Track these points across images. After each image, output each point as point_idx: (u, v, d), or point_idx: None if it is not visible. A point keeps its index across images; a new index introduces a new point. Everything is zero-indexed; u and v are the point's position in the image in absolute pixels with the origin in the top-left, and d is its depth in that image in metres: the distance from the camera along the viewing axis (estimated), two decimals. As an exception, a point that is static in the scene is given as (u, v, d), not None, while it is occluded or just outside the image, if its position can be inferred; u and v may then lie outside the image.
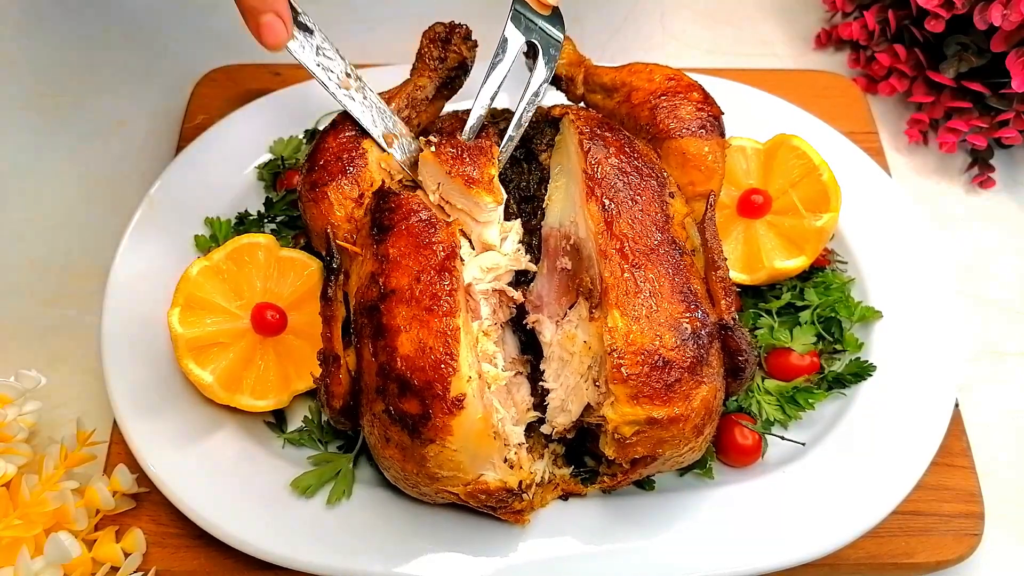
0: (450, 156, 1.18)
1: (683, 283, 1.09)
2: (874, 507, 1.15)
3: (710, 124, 1.26)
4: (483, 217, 1.18)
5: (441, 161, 1.18)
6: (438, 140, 1.21)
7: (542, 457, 1.17)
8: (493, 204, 1.16)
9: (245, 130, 1.50)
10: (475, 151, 1.20)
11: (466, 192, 1.16)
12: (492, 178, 1.18)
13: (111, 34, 1.83)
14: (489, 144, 1.22)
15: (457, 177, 1.16)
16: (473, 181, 1.16)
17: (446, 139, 1.22)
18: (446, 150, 1.19)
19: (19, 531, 1.10)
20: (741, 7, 1.93)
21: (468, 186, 1.16)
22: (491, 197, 1.16)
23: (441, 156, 1.18)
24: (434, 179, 1.20)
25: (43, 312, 1.45)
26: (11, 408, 1.23)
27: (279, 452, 1.22)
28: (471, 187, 1.16)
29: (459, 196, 1.18)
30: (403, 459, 1.05)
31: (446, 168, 1.17)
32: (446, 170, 1.17)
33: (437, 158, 1.18)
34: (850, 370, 1.27)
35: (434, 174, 1.20)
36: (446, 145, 1.20)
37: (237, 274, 1.26)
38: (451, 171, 1.17)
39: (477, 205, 1.17)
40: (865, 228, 1.41)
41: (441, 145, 1.20)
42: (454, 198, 1.18)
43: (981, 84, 1.57)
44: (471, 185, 1.16)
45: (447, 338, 1.02)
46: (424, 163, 1.21)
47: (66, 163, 1.63)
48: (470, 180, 1.16)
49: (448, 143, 1.21)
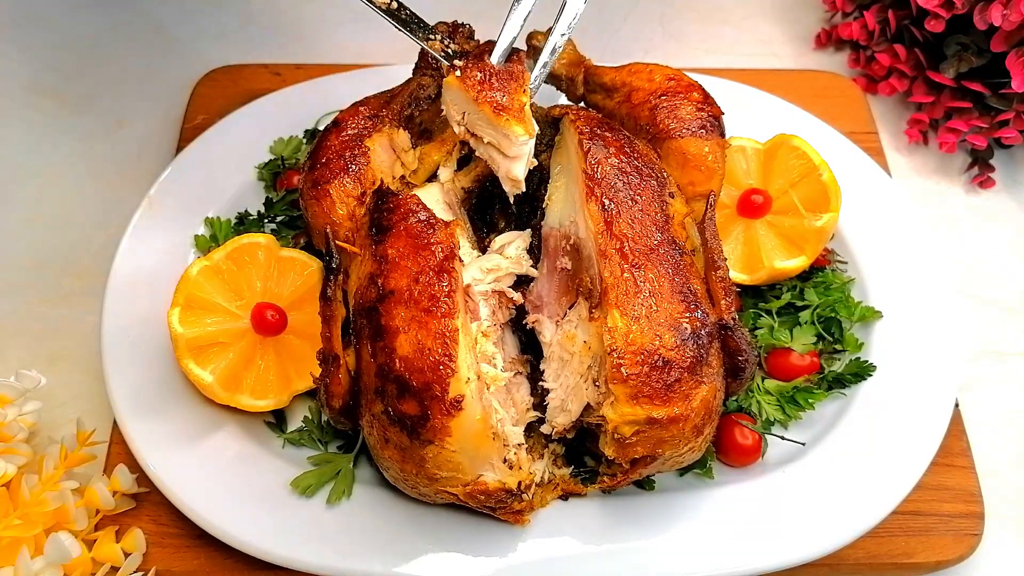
0: (477, 81, 1.08)
1: (683, 283, 1.09)
2: (874, 507, 1.15)
3: (710, 124, 1.26)
4: (512, 151, 1.09)
5: (467, 86, 1.08)
6: (464, 63, 1.11)
7: (542, 457, 1.17)
8: (525, 136, 1.07)
9: (245, 130, 1.50)
10: (505, 76, 1.10)
11: (495, 121, 1.07)
12: (523, 106, 1.08)
13: (111, 34, 1.83)
14: (520, 70, 1.13)
15: (484, 104, 1.07)
16: (502, 108, 1.07)
17: (473, 62, 1.11)
18: (472, 74, 1.09)
19: (19, 531, 1.10)
20: (741, 7, 1.93)
21: (497, 114, 1.06)
22: (522, 128, 1.07)
23: (467, 81, 1.08)
24: (459, 107, 1.11)
25: (43, 312, 1.45)
26: (11, 408, 1.23)
27: (279, 452, 1.22)
28: (500, 115, 1.06)
29: (486, 126, 1.09)
30: (402, 460, 1.05)
31: (472, 94, 1.08)
32: (472, 96, 1.08)
33: (462, 83, 1.08)
34: (850, 370, 1.27)
35: (459, 101, 1.11)
36: (473, 68, 1.09)
37: (237, 274, 1.26)
38: (478, 97, 1.07)
39: (506, 137, 1.08)
40: (865, 228, 1.41)
41: (467, 69, 1.09)
42: (480, 128, 1.10)
43: (981, 84, 1.57)
44: (500, 112, 1.06)
45: (445, 339, 1.02)
46: (448, 89, 1.11)
47: (66, 163, 1.63)
48: (499, 107, 1.07)
49: (475, 66, 1.10)
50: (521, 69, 1.13)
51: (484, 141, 1.10)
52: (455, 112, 1.12)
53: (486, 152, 1.11)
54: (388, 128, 1.28)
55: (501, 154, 1.10)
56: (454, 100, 1.11)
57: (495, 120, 1.07)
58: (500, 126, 1.07)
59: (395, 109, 1.30)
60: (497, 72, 1.10)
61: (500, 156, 1.10)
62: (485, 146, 1.11)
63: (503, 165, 1.11)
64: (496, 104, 1.07)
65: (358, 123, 1.27)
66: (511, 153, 1.09)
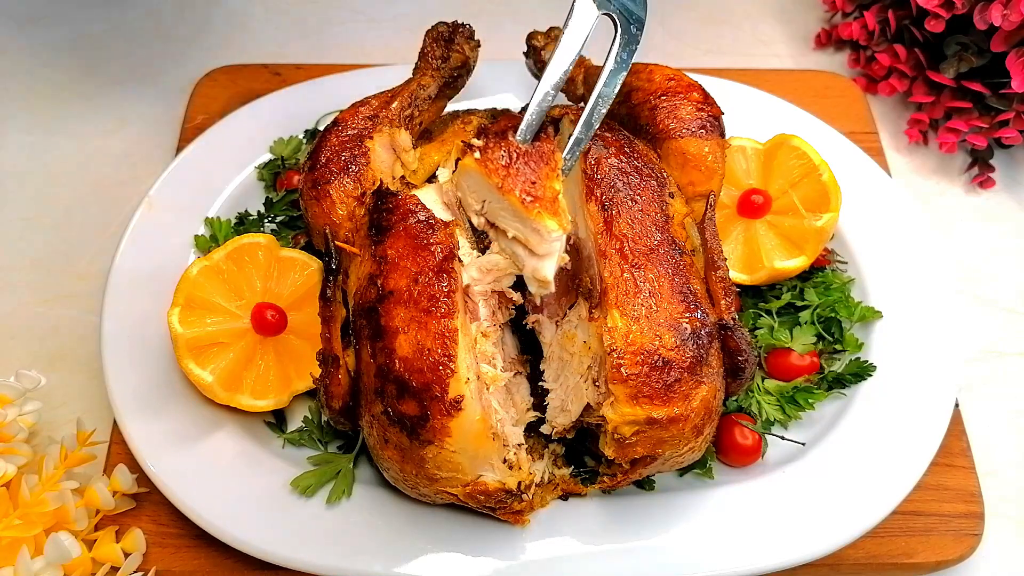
0: (501, 165, 0.92)
1: (683, 283, 1.09)
2: (874, 507, 1.15)
3: (710, 124, 1.26)
4: (543, 248, 0.93)
5: (488, 171, 0.91)
6: (483, 142, 0.94)
7: (542, 457, 1.17)
8: (559, 232, 0.90)
9: (245, 130, 1.50)
10: (534, 158, 0.93)
11: (523, 213, 0.90)
12: (556, 196, 0.91)
13: (111, 34, 1.83)
14: (551, 150, 0.96)
15: (511, 193, 0.90)
16: (533, 198, 0.89)
17: (494, 140, 0.94)
18: (495, 155, 0.92)
19: (19, 531, 1.10)
20: (741, 7, 1.93)
21: (526, 205, 0.89)
22: (555, 222, 0.90)
23: (489, 164, 0.92)
24: (478, 195, 0.94)
25: (43, 312, 1.45)
26: (11, 408, 1.23)
27: (279, 452, 1.22)
28: (530, 207, 0.89)
29: (511, 218, 0.93)
30: (402, 460, 1.05)
31: (496, 180, 0.91)
32: (496, 183, 0.91)
33: (483, 167, 0.91)
34: (850, 370, 1.27)
35: (478, 187, 0.94)
36: (495, 148, 0.93)
37: (237, 274, 1.26)
38: (503, 185, 0.90)
39: (536, 232, 0.91)
40: (865, 228, 1.41)
41: (488, 149, 0.93)
42: (504, 220, 0.94)
43: (981, 84, 1.57)
44: (530, 204, 0.89)
45: (445, 340, 1.02)
46: (465, 173, 0.95)
47: (66, 163, 1.63)
48: (529, 197, 0.89)
49: (498, 146, 0.93)
50: (551, 149, 0.96)
51: (508, 235, 0.93)
52: (473, 200, 0.95)
53: (508, 247, 0.94)
54: (388, 128, 1.28)
55: (528, 251, 0.93)
56: (473, 186, 0.94)
57: (524, 212, 0.90)
58: (530, 219, 0.90)
59: (395, 109, 1.30)
60: (524, 153, 0.94)
61: (526, 253, 0.94)
62: (508, 240, 0.94)
63: (529, 264, 0.94)
64: (525, 193, 0.90)
65: (358, 123, 1.27)
66: (541, 251, 0.93)
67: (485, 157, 0.92)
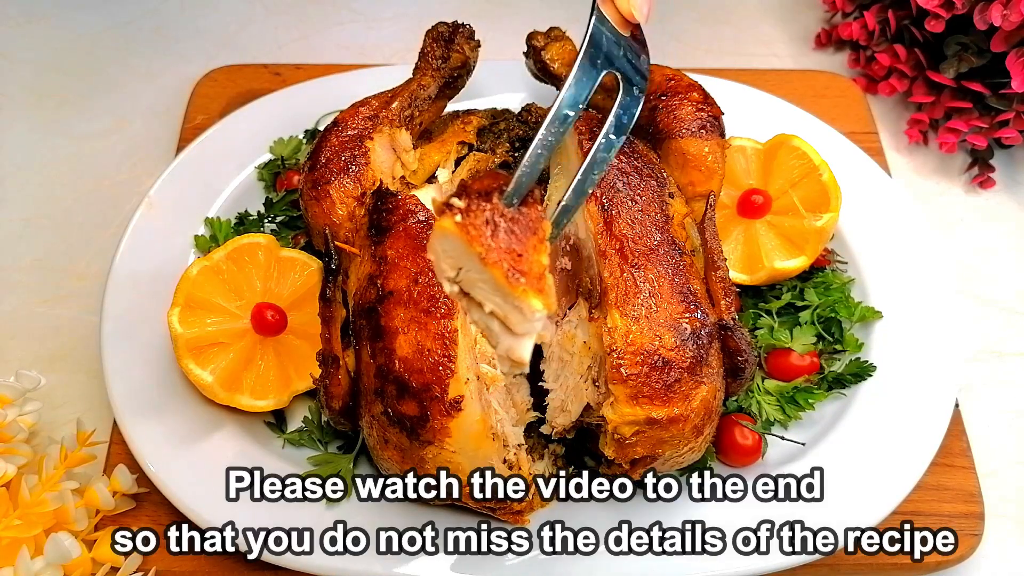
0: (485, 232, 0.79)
1: (683, 283, 1.09)
2: (874, 507, 1.15)
3: (710, 124, 1.26)
4: (523, 327, 0.82)
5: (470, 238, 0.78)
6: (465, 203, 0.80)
7: (542, 458, 1.17)
8: (543, 312, 0.79)
9: (245, 130, 1.50)
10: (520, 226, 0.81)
11: (507, 290, 0.78)
12: (544, 272, 0.79)
13: (111, 34, 1.83)
14: (538, 217, 0.83)
15: (495, 266, 0.78)
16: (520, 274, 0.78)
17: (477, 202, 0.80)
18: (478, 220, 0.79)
19: (19, 531, 1.10)
20: (741, 7, 1.93)
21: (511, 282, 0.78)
22: (541, 301, 0.78)
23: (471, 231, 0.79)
24: (454, 261, 0.82)
25: (43, 312, 1.45)
26: (11, 408, 1.23)
27: (279, 452, 1.22)
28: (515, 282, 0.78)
29: (491, 293, 0.81)
30: (402, 460, 1.05)
31: (479, 249, 0.78)
32: (478, 252, 0.78)
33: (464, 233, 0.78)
34: (850, 370, 1.27)
35: (456, 253, 0.81)
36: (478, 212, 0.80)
37: (237, 274, 1.26)
38: (486, 255, 0.78)
39: (518, 310, 0.80)
40: (865, 228, 1.41)
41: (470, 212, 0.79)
42: (482, 293, 0.82)
43: (981, 84, 1.57)
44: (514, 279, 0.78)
45: (445, 340, 1.02)
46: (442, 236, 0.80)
47: (66, 163, 1.63)
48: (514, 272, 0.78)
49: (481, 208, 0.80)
50: (538, 216, 0.82)
51: (485, 309, 0.82)
52: (447, 266, 0.82)
53: (483, 322, 0.83)
54: (388, 128, 1.28)
55: (506, 329, 0.83)
56: (449, 250, 0.80)
57: (508, 289, 0.78)
58: (514, 296, 0.78)
59: (395, 109, 1.30)
60: (510, 219, 0.80)
61: (502, 330, 0.83)
62: (484, 315, 0.83)
63: (505, 342, 0.84)
64: (511, 268, 0.78)
65: (358, 123, 1.27)
66: (520, 330, 0.82)
67: (467, 221, 0.79)
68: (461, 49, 1.35)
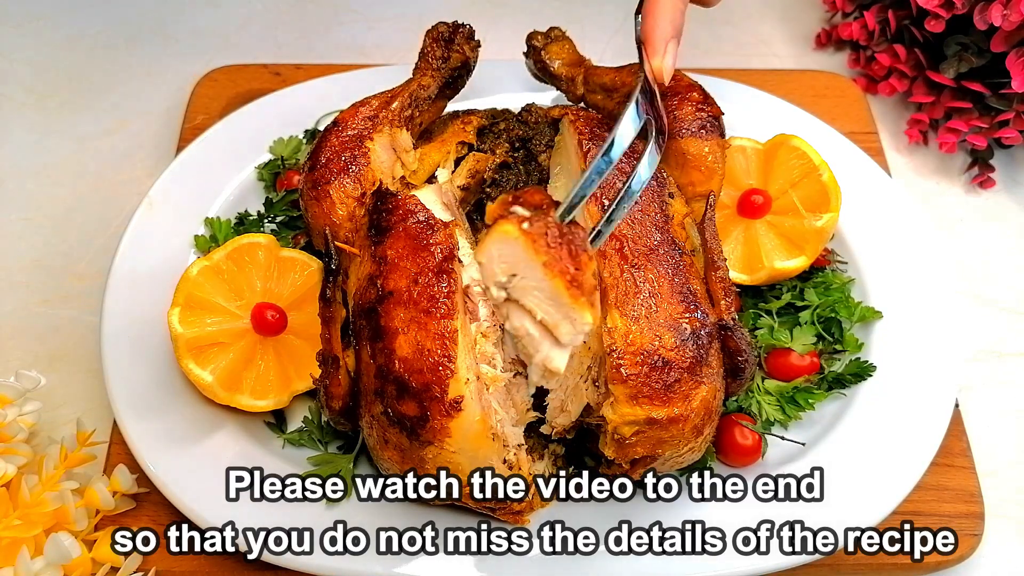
0: (547, 242, 0.83)
1: (683, 283, 1.09)
2: (874, 507, 1.15)
3: (710, 124, 1.26)
4: (569, 338, 0.86)
5: (536, 246, 0.82)
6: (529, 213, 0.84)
7: (542, 458, 1.17)
8: (591, 324, 0.84)
9: (245, 130, 1.50)
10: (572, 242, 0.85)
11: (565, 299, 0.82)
12: (595, 287, 0.84)
13: (111, 34, 1.83)
14: (584, 235, 0.87)
15: (558, 276, 0.82)
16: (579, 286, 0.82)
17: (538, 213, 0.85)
18: (541, 227, 0.83)
19: (19, 531, 1.10)
20: (741, 7, 1.93)
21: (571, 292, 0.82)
22: (591, 314, 0.83)
23: (536, 239, 0.82)
24: (509, 266, 0.85)
25: (43, 312, 1.45)
26: (11, 408, 1.23)
27: (279, 452, 1.22)
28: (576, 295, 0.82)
29: (546, 301, 0.85)
30: (402, 461, 1.05)
31: (543, 257, 0.82)
32: (542, 260, 0.82)
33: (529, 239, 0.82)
34: (850, 370, 1.27)
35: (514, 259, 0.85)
36: (541, 222, 0.83)
37: (237, 274, 1.26)
38: (548, 263, 0.82)
39: (571, 321, 0.85)
40: (865, 228, 1.41)
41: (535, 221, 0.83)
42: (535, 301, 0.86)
43: (981, 84, 1.57)
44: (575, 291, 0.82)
45: (445, 340, 1.02)
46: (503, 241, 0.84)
47: (66, 163, 1.63)
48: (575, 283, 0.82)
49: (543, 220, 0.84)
50: (586, 235, 0.87)
51: (536, 315, 0.86)
52: (499, 271, 0.85)
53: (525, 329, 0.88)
54: (388, 128, 1.28)
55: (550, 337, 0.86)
56: (506, 256, 0.84)
57: (567, 298, 0.81)
58: (571, 306, 0.82)
59: (395, 109, 1.30)
60: (564, 234, 0.84)
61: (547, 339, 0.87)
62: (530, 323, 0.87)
63: (544, 351, 0.88)
64: (572, 279, 0.82)
65: (358, 123, 1.27)
66: (566, 340, 0.86)
67: (533, 229, 0.82)
68: (461, 49, 1.35)
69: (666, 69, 1.15)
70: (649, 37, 1.15)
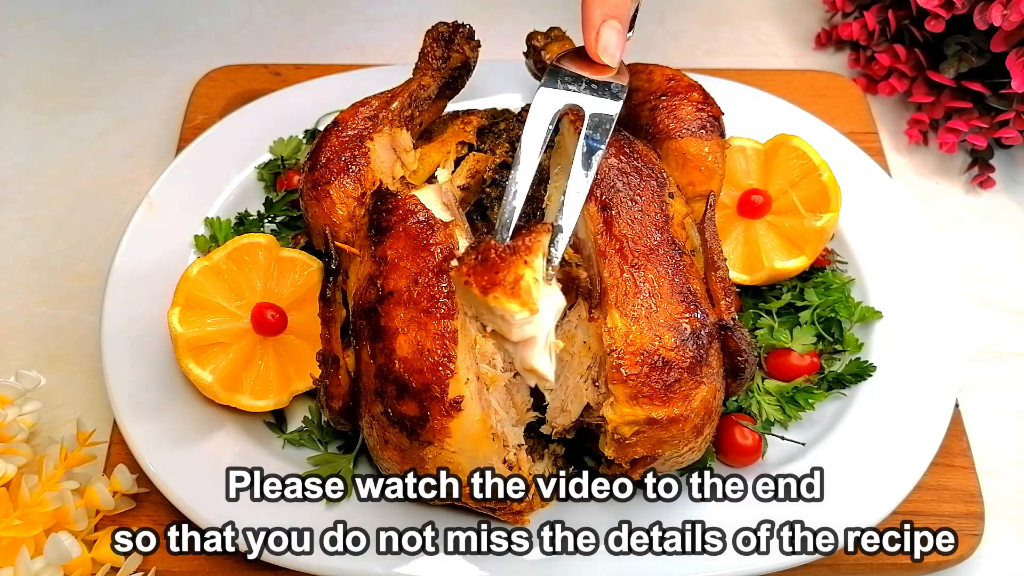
0: (472, 266, 0.93)
1: (683, 283, 1.09)
2: (874, 507, 1.15)
3: (710, 124, 1.26)
4: (513, 333, 0.92)
5: (459, 275, 0.91)
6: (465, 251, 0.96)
7: (542, 458, 1.17)
8: (523, 313, 0.88)
9: (245, 130, 1.50)
10: (505, 252, 0.94)
11: (486, 303, 0.90)
12: (519, 279, 0.89)
13: (111, 34, 1.83)
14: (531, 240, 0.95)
15: (473, 286, 0.90)
16: (492, 285, 0.89)
17: (471, 247, 0.97)
18: (470, 259, 0.93)
19: (19, 531, 1.10)
20: (741, 7, 1.93)
21: (484, 293, 0.89)
22: (515, 303, 0.88)
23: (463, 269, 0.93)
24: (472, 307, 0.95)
25: (43, 312, 1.45)
26: (11, 408, 1.23)
27: (279, 452, 1.22)
28: (486, 293, 0.89)
29: (486, 313, 0.93)
30: (402, 461, 1.05)
31: (462, 278, 0.91)
32: (463, 280, 0.91)
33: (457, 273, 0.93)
34: (850, 370, 1.27)
35: (465, 298, 0.95)
36: (470, 253, 0.94)
37: (237, 274, 1.26)
38: (468, 281, 0.91)
39: (502, 319, 0.91)
40: (865, 228, 1.41)
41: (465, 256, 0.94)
42: (487, 318, 0.94)
43: (981, 84, 1.57)
44: (488, 290, 0.89)
45: (445, 340, 1.02)
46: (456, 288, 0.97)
47: (66, 163, 1.63)
48: (487, 285, 0.90)
49: (473, 250, 0.95)
50: (532, 239, 0.94)
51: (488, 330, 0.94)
52: (469, 310, 0.95)
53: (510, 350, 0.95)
54: (389, 128, 1.28)
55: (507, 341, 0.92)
56: (465, 299, 0.94)
57: (483, 300, 0.88)
58: (492, 306, 0.89)
59: (395, 109, 1.30)
60: (500, 249, 0.92)
61: (512, 348, 0.94)
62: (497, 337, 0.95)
63: (516, 356, 0.94)
64: (485, 282, 0.89)
65: (358, 123, 1.27)
66: (514, 337, 0.92)
67: (461, 264, 0.92)
68: (461, 49, 1.35)
69: (600, 49, 1.07)
70: (583, 14, 1.08)
